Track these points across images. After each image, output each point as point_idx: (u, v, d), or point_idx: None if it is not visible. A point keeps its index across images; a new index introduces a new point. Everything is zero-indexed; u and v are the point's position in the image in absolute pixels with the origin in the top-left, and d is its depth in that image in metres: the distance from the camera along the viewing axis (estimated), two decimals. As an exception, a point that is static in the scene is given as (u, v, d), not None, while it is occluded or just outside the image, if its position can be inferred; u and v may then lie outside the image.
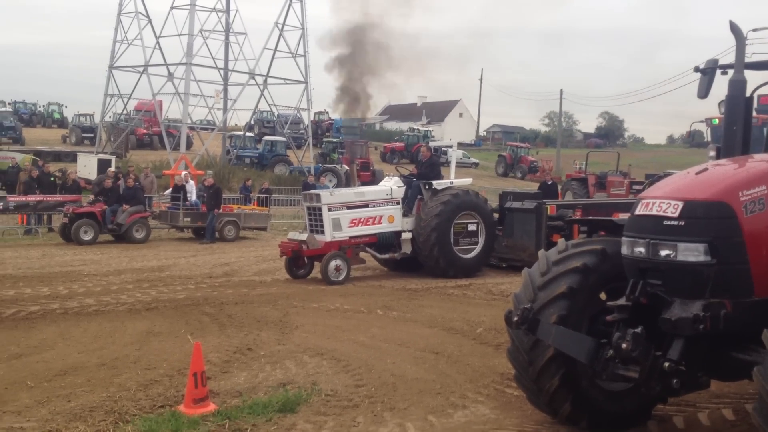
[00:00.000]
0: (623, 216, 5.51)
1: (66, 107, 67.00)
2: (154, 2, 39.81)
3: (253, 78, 42.31)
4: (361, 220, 14.17)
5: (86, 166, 33.77)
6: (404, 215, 14.53)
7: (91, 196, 21.25)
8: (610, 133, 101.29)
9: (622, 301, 5.19)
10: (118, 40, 42.45)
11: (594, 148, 61.63)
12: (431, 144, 17.48)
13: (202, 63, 40.72)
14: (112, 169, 26.57)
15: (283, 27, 42.63)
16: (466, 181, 15.82)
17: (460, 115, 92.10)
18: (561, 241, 5.96)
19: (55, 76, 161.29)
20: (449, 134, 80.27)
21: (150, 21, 41.27)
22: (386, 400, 6.51)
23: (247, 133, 47.45)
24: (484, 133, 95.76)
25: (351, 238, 13.98)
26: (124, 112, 46.25)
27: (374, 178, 42.95)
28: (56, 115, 65.01)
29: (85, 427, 5.72)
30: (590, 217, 8.85)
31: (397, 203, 14.53)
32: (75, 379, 7.04)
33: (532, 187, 34.05)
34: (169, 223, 21.73)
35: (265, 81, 42.58)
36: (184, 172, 23.72)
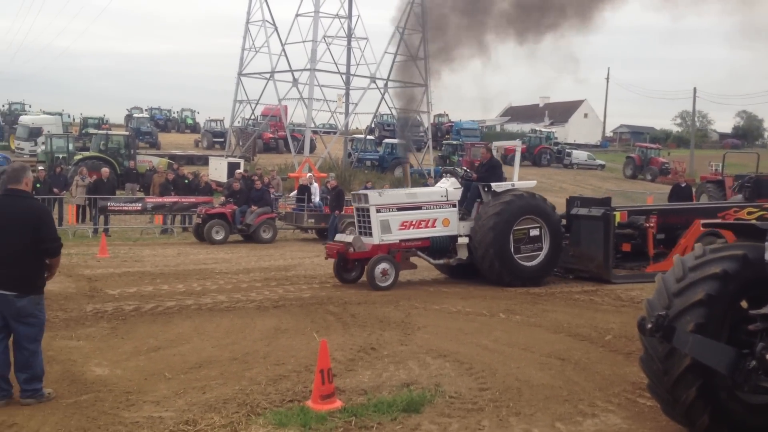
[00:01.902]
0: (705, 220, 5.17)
1: (198, 113, 70.63)
2: (280, 10, 41.55)
3: (374, 82, 43.01)
4: (413, 223, 13.37)
5: (217, 169, 35.41)
6: (461, 219, 13.70)
7: (222, 198, 22.25)
8: (749, 133, 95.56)
9: (766, 310, 4.91)
10: (246, 48, 44.22)
11: (731, 149, 58.30)
12: (495, 144, 16.72)
13: (325, 68, 41.80)
14: (241, 171, 27.72)
15: (404, 31, 43.03)
16: (529, 183, 15.01)
17: (585, 115, 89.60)
18: (698, 246, 5.70)
19: (188, 83, 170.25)
20: (573, 135, 78.35)
21: (276, 29, 42.76)
22: (511, 405, 6.45)
23: (368, 136, 48.26)
24: (611, 134, 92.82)
25: (401, 241, 13.21)
26: (252, 117, 48.15)
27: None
28: (189, 121, 68.60)
29: (219, 419, 6.01)
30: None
31: (454, 206, 13.69)
32: (209, 372, 7.41)
33: (665, 189, 32.64)
34: (294, 224, 22.45)
35: (386, 84, 43.15)
36: (308, 174, 24.40)
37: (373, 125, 51.83)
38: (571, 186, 44.02)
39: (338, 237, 13.84)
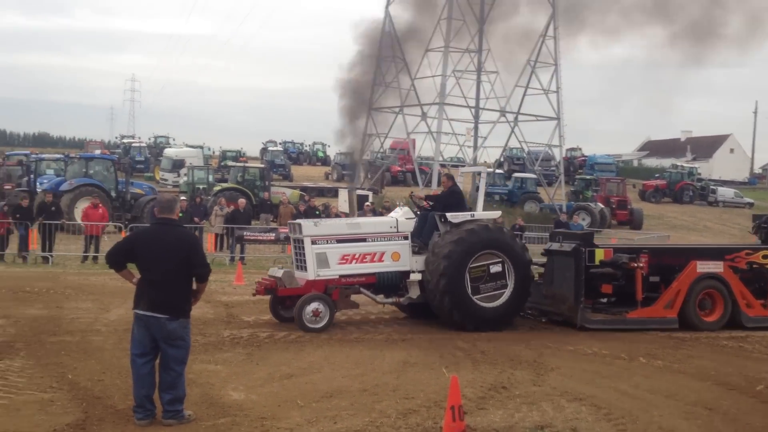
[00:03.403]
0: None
1: (329, 146, 72.73)
2: (410, 46, 42.22)
3: (504, 115, 42.80)
4: (356, 257, 12.06)
5: (346, 201, 36.21)
6: (417, 253, 12.36)
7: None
8: None
9: None
10: (377, 83, 45.29)
11: None
12: (463, 170, 15.23)
13: (454, 102, 42.04)
14: (369, 203, 28.23)
15: (535, 64, 42.74)
16: (492, 214, 13.65)
17: (731, 150, 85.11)
18: None
19: (319, 117, 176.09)
20: (718, 171, 74.53)
21: (406, 64, 43.56)
22: (654, 455, 6.14)
23: (497, 170, 47.95)
24: (760, 171, 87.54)
25: (341, 276, 11.91)
26: (381, 150, 49.06)
27: (632, 218, 41.22)
28: (320, 154, 70.75)
29: (350, 449, 6.07)
30: None
31: (405, 238, 12.31)
32: (340, 402, 7.52)
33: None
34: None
35: (516, 118, 42.85)
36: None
37: (502, 159, 51.49)
38: (716, 225, 41.82)
39: (270, 271, 12.71)
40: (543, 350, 10.48)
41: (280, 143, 69.62)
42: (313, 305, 11.41)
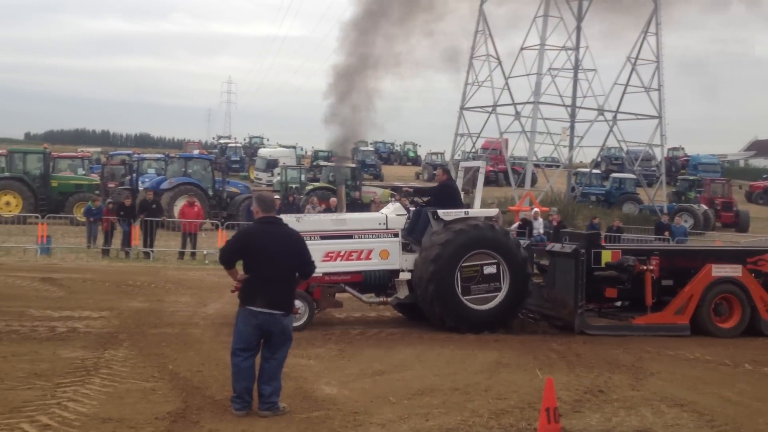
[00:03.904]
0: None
1: (419, 146, 72.92)
2: (504, 45, 41.79)
3: (602, 114, 41.81)
4: (341, 254, 11.60)
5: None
6: (409, 251, 11.90)
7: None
8: None
9: None
10: (469, 82, 45.05)
11: None
12: (463, 164, 14.50)
13: (549, 101, 41.37)
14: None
15: (635, 61, 41.55)
16: (488, 212, 12.76)
17: None
18: None
19: (410, 117, 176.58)
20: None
21: (500, 63, 43.14)
22: (762, 465, 5.89)
23: (594, 170, 46.88)
24: None
25: (325, 275, 11.45)
26: (473, 150, 48.78)
27: (738, 220, 39.50)
28: (411, 154, 71.06)
29: (442, 446, 6.09)
30: None
31: (395, 235, 11.84)
32: (431, 400, 7.55)
33: None
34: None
35: (615, 117, 41.78)
36: (534, 209, 24.16)
37: (599, 159, 50.31)
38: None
39: None
40: (642, 354, 10.20)
41: (370, 143, 70.28)
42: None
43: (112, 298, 13.03)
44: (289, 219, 11.63)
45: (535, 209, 23.70)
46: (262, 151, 54.83)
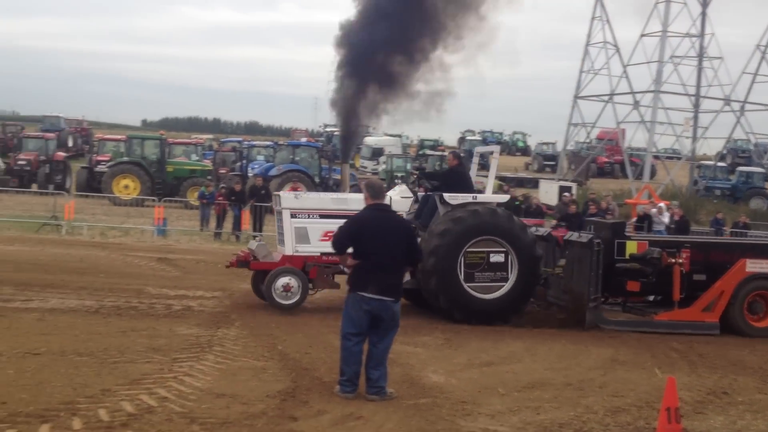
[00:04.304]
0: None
1: (530, 136, 71.74)
2: (623, 32, 40.56)
3: (729, 104, 39.90)
4: None
5: (547, 193, 35.58)
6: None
7: (554, 222, 22.26)
8: None
9: None
10: (585, 70, 43.95)
11: None
12: (478, 150, 14.08)
13: (670, 90, 39.82)
14: (569, 195, 27.52)
15: (766, 48, 39.39)
16: (499, 198, 12.19)
17: None
18: None
19: (520, 106, 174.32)
20: None
21: (618, 50, 41.87)
22: None
23: (719, 163, 44.83)
24: None
25: (323, 254, 11.17)
26: (587, 140, 47.60)
27: None
28: (520, 144, 70.01)
29: (555, 440, 6.00)
30: None
31: None
32: (542, 394, 7.44)
33: None
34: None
35: (743, 107, 39.81)
36: (660, 204, 23.30)
37: (725, 151, 48.05)
38: None
39: (249, 244, 12.34)
40: (770, 357, 9.70)
41: (478, 133, 69.72)
42: (284, 279, 10.98)
43: (224, 280, 13.51)
44: (287, 196, 12.06)
45: (660, 204, 22.84)
46: (367, 140, 55.31)
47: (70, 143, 47.28)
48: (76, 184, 30.95)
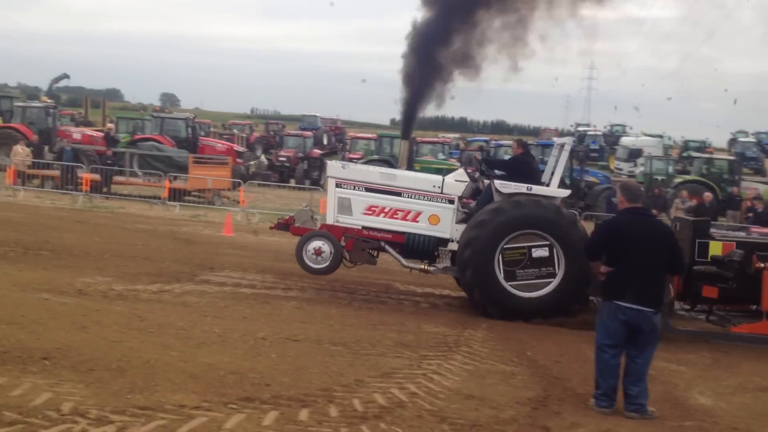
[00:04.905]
0: None
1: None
2: None
3: None
4: (385, 210, 11.39)
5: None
6: (464, 221, 11.17)
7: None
8: None
9: None
10: None
11: None
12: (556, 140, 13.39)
13: None
14: None
15: None
16: (558, 192, 11.22)
17: None
18: None
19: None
20: None
21: None
22: None
23: None
24: None
25: (364, 228, 11.35)
26: None
27: None
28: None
29: None
30: None
31: (451, 201, 11.31)
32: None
33: None
34: None
35: None
36: None
37: None
38: None
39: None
40: None
41: (752, 134, 64.27)
42: (316, 243, 11.19)
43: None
44: (333, 165, 12.29)
45: None
46: (624, 140, 53.34)
47: (325, 141, 50.55)
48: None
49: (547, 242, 10.76)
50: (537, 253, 10.78)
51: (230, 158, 29.48)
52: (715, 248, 10.63)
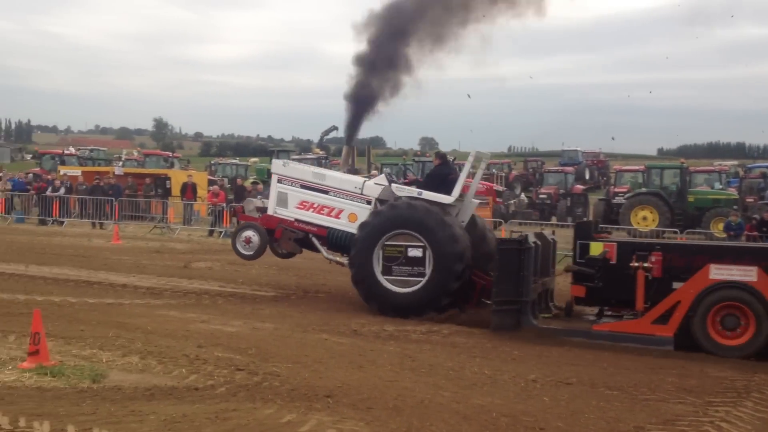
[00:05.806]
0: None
1: None
2: None
3: None
4: (314, 206, 13.14)
5: None
6: None
7: None
8: None
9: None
10: None
11: None
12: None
13: None
14: None
15: None
16: (441, 198, 12.11)
17: None
18: None
19: None
20: None
21: None
22: None
23: None
24: None
25: (297, 221, 13.21)
26: None
27: None
28: None
29: None
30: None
31: (368, 202, 12.74)
32: None
33: None
34: None
35: None
36: None
37: None
38: None
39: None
40: None
41: None
42: (247, 233, 13.08)
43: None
44: (277, 162, 14.22)
45: None
46: None
47: (587, 176, 49.46)
48: (594, 215, 32.20)
49: (422, 244, 11.83)
50: (412, 252, 11.93)
51: (490, 198, 29.89)
52: (596, 249, 11.22)
